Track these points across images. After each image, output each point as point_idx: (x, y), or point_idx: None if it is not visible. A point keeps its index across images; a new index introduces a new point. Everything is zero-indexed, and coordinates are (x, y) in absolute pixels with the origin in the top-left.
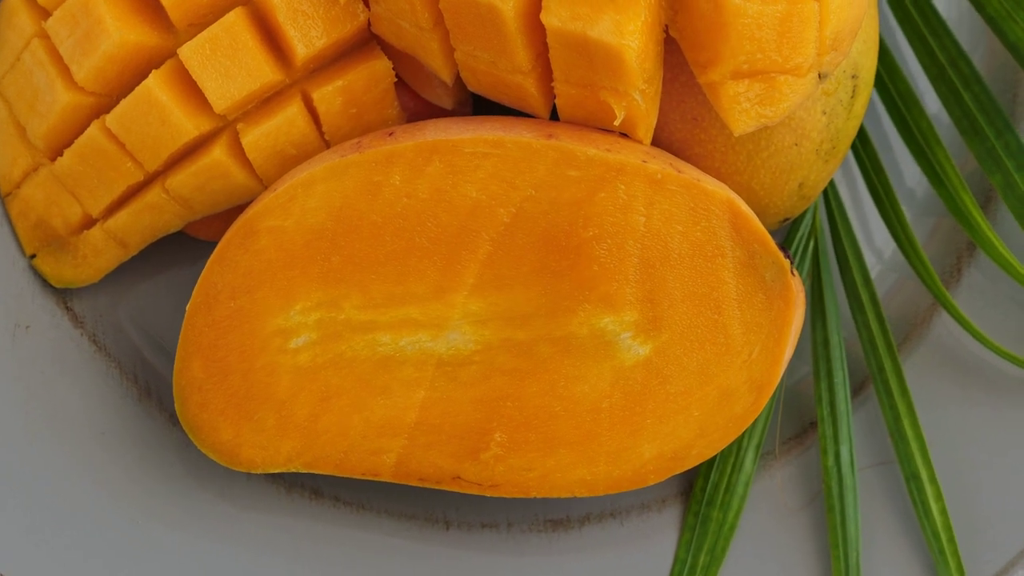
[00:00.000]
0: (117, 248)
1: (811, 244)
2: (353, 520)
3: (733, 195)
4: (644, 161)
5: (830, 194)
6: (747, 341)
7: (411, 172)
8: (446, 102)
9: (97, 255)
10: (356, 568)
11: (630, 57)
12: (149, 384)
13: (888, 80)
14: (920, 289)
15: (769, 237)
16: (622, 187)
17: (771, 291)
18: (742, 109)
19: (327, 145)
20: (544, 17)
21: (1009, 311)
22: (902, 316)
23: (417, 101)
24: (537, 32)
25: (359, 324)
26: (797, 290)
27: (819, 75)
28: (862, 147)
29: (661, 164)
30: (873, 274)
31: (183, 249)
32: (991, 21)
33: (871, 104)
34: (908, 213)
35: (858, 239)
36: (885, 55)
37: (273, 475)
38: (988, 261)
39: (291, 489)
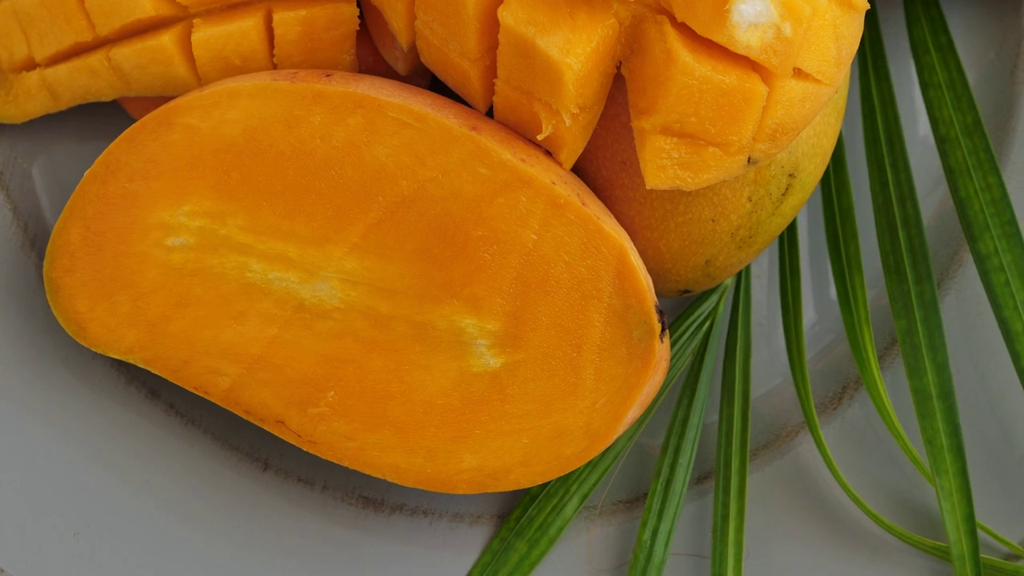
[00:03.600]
0: (48, 98)
1: (707, 325)
2: (179, 431)
3: (628, 246)
4: (553, 183)
5: (742, 284)
6: (596, 388)
7: (332, 117)
8: (401, 67)
9: (28, 98)
10: (164, 477)
11: (569, 77)
12: (36, 238)
13: (834, 191)
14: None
15: (648, 297)
16: (524, 200)
17: (634, 349)
18: (661, 165)
19: (273, 68)
20: (501, 12)
21: (874, 454)
22: (775, 420)
23: (376, 59)
24: (494, 25)
25: (237, 244)
26: (660, 357)
27: (749, 159)
28: (788, 247)
29: (568, 191)
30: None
31: (115, 124)
32: (949, 172)
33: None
34: (824, 319)
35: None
36: (840, 168)
37: (118, 363)
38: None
39: (131, 382)
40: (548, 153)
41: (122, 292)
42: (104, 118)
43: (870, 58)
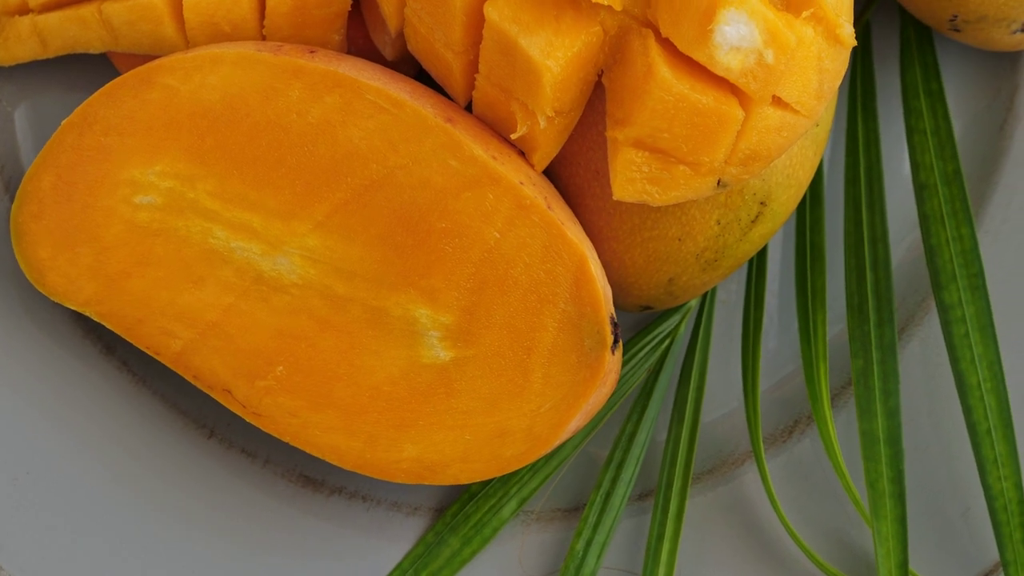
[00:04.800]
0: (37, 44)
1: (666, 343)
2: (128, 388)
3: (590, 254)
4: (521, 183)
5: (705, 307)
6: (542, 393)
7: (310, 93)
8: (388, 52)
9: (18, 42)
10: (106, 434)
11: (547, 79)
12: (11, 181)
13: (808, 226)
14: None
15: (603, 307)
16: (490, 197)
17: (584, 358)
18: (630, 177)
19: (262, 39)
20: (487, 7)
21: (819, 492)
22: (724, 446)
23: (367, 42)
24: (480, 19)
25: (203, 209)
26: (609, 368)
27: (719, 182)
28: (756, 276)
29: (536, 193)
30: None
31: (101, 77)
32: (923, 218)
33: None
34: (787, 349)
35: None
36: (816, 204)
37: (78, 316)
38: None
39: (88, 335)
40: (522, 153)
41: (85, 244)
42: (91, 70)
43: (860, 96)
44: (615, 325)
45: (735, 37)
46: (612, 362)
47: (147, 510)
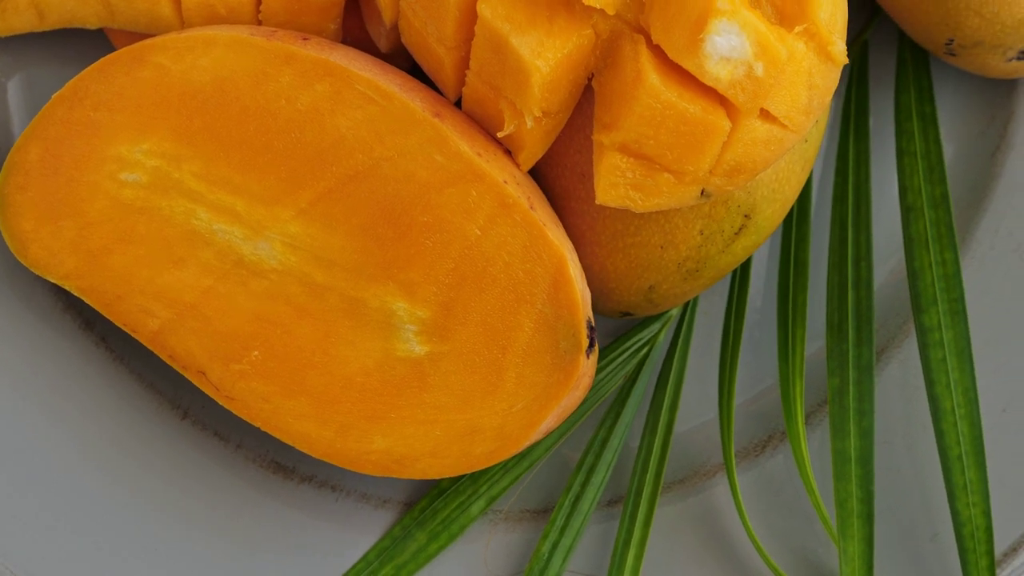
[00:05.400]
0: (34, 16)
1: (645, 351)
2: (104, 365)
3: (570, 257)
4: (505, 181)
5: (686, 317)
6: (515, 392)
7: (301, 80)
8: (383, 44)
9: (15, 13)
10: (79, 410)
11: (536, 79)
12: (2, 152)
13: (793, 242)
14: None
15: (580, 311)
16: (474, 193)
17: (559, 360)
18: (613, 182)
19: (257, 24)
20: (480, 4)
21: (789, 508)
22: (697, 457)
23: (362, 33)
24: (473, 16)
25: (187, 190)
26: (583, 372)
27: (703, 192)
28: (738, 289)
29: (519, 192)
30: None
31: (97, 52)
32: (908, 240)
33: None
34: (767, 364)
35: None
36: (803, 220)
37: (60, 290)
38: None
39: (68, 309)
40: (508, 152)
41: (69, 218)
42: (88, 45)
43: (853, 115)
44: (591, 329)
45: (725, 48)
46: (586, 366)
47: (115, 488)
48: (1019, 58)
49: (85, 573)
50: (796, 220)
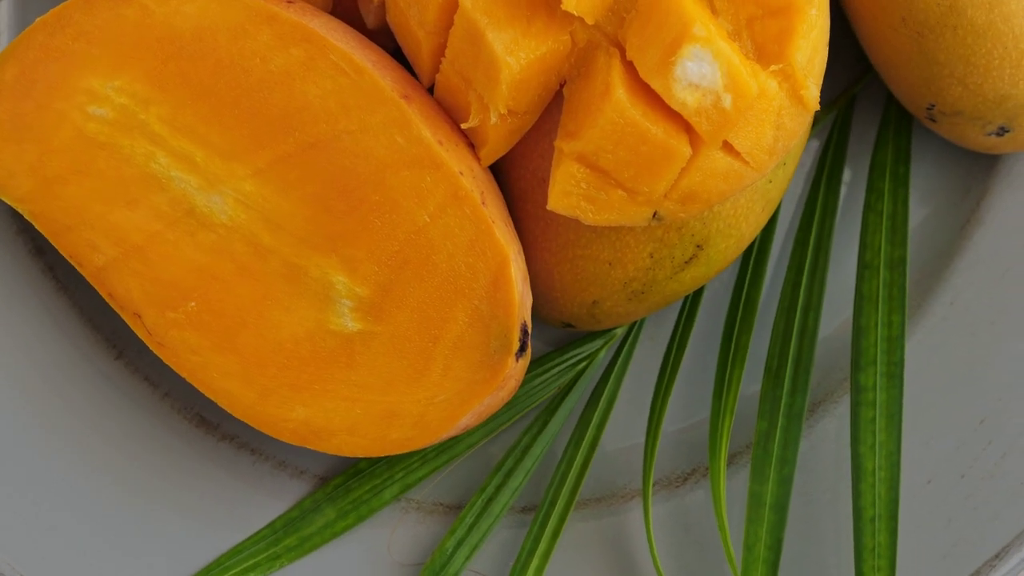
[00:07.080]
0: None
1: (582, 365)
2: (48, 295)
3: (515, 258)
4: (461, 173)
5: (629, 339)
6: (439, 384)
7: (278, 42)
8: (370, 20)
9: None
10: (10, 335)
11: (505, 76)
12: None
13: (747, 282)
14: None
15: (516, 312)
16: (428, 180)
17: (488, 358)
18: (567, 190)
19: None
20: None
21: (700, 545)
22: (618, 478)
23: (352, 4)
24: (455, 5)
25: (151, 133)
26: (510, 375)
27: (655, 214)
28: (685, 319)
29: (473, 186)
30: None
31: None
32: (858, 297)
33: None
34: (706, 396)
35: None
36: (760, 261)
37: (14, 212)
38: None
39: (21, 233)
40: (472, 146)
41: (32, 142)
42: None
43: (828, 165)
44: (525, 333)
45: (696, 74)
46: (514, 368)
47: (35, 419)
48: (998, 134)
49: None
50: (754, 259)
